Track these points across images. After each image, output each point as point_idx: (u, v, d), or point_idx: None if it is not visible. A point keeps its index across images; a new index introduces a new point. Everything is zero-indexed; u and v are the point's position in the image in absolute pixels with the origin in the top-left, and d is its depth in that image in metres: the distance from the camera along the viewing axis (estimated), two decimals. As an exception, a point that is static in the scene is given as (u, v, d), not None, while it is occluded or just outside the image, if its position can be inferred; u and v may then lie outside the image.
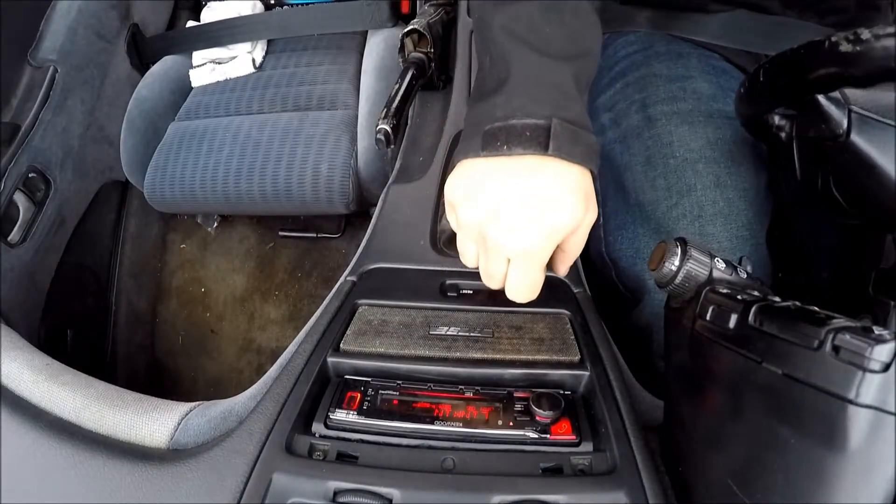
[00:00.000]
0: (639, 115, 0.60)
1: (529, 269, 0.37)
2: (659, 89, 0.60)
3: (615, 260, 0.60)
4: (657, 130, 0.58)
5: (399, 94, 0.58)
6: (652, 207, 0.56)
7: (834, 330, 0.23)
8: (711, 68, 0.61)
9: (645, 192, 0.57)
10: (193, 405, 0.45)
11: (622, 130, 0.62)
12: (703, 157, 0.54)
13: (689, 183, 0.54)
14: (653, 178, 0.56)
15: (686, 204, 0.53)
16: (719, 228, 0.52)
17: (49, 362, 0.50)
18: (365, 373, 0.41)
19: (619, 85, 0.65)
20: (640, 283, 0.57)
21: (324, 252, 1.12)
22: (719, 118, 0.56)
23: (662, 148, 0.57)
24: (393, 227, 0.57)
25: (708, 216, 0.52)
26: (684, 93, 0.58)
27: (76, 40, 0.89)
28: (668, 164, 0.56)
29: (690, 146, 0.55)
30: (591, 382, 0.40)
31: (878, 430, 0.22)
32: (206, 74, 0.99)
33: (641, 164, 0.58)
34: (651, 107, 0.59)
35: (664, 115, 0.58)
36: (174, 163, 0.89)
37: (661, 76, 0.60)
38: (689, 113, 0.57)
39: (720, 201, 0.52)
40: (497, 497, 0.32)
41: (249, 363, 1.08)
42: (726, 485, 0.29)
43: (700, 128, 0.56)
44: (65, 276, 0.90)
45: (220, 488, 0.35)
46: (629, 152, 0.60)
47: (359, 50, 0.96)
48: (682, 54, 0.62)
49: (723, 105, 0.58)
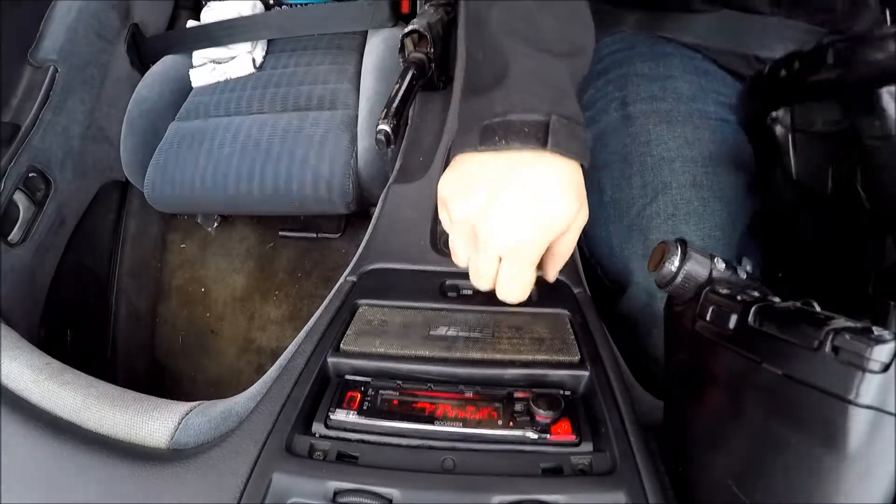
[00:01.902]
0: (618, 113, 0.60)
1: (521, 267, 0.37)
2: (639, 88, 0.60)
3: (597, 258, 0.61)
4: (635, 128, 0.58)
5: (399, 94, 0.58)
6: (627, 205, 0.56)
7: (834, 330, 0.23)
8: (694, 69, 0.61)
9: (621, 190, 0.57)
10: (193, 405, 0.45)
11: (600, 128, 0.62)
12: (680, 155, 0.54)
13: (665, 181, 0.54)
14: (629, 175, 0.56)
15: (661, 202, 0.53)
16: (692, 227, 0.52)
17: (49, 362, 0.50)
18: (365, 373, 0.41)
19: (599, 83, 0.65)
20: (621, 277, 0.57)
21: (324, 252, 1.12)
22: (698, 118, 0.56)
23: (640, 146, 0.57)
24: (393, 228, 0.57)
25: (681, 215, 0.52)
26: (664, 92, 0.58)
27: (76, 40, 0.89)
28: (644, 161, 0.56)
29: (668, 145, 0.55)
30: (591, 382, 0.40)
31: (878, 431, 0.22)
32: (206, 74, 0.99)
33: (618, 161, 0.58)
34: (630, 105, 0.59)
35: (643, 113, 0.58)
36: (174, 163, 0.89)
37: (643, 75, 0.61)
38: (668, 112, 0.57)
39: (695, 201, 0.52)
40: (497, 497, 0.32)
41: (249, 363, 1.08)
42: (726, 485, 0.29)
43: (678, 127, 0.56)
44: (65, 276, 0.89)
45: (220, 488, 0.35)
46: (606, 150, 0.60)
47: (359, 50, 0.96)
48: (664, 54, 0.62)
49: (702, 105, 0.58)
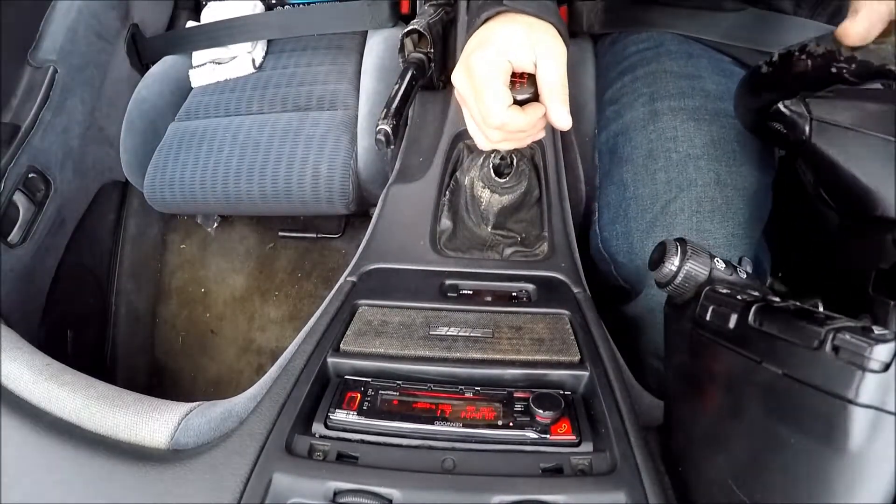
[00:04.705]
0: (644, 109, 0.60)
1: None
2: (668, 85, 0.60)
3: (612, 255, 0.61)
4: (662, 124, 0.58)
5: (399, 94, 0.58)
6: (651, 200, 0.56)
7: (834, 330, 0.23)
8: (721, 70, 0.61)
9: (645, 185, 0.57)
10: (193, 405, 0.45)
11: (625, 122, 0.62)
12: (706, 153, 0.55)
13: (690, 178, 0.54)
14: (654, 171, 0.57)
15: (685, 198, 0.54)
16: (716, 225, 0.52)
17: (49, 362, 0.50)
18: (365, 373, 0.41)
19: (627, 79, 0.65)
20: (638, 278, 0.57)
21: (324, 252, 1.12)
22: (725, 117, 0.57)
23: (666, 142, 0.57)
24: (393, 228, 0.57)
25: (706, 212, 0.53)
26: (693, 90, 0.59)
27: (76, 40, 0.89)
28: (670, 158, 0.56)
29: (694, 142, 0.55)
30: (591, 382, 0.40)
31: (878, 430, 0.22)
32: (206, 74, 0.99)
33: (643, 156, 0.58)
34: (658, 101, 0.60)
35: (671, 109, 0.58)
36: (174, 163, 0.89)
37: (671, 73, 0.61)
38: (695, 110, 0.57)
39: (719, 198, 0.53)
40: (497, 497, 0.32)
41: (249, 363, 1.08)
42: (726, 484, 0.29)
43: (705, 125, 0.56)
44: (65, 276, 0.89)
45: (220, 488, 0.35)
46: (631, 144, 0.60)
47: (359, 50, 0.96)
48: (692, 54, 0.62)
49: (729, 106, 0.58)
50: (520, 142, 0.45)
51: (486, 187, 0.56)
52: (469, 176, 0.59)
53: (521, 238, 0.58)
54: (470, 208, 0.59)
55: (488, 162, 0.55)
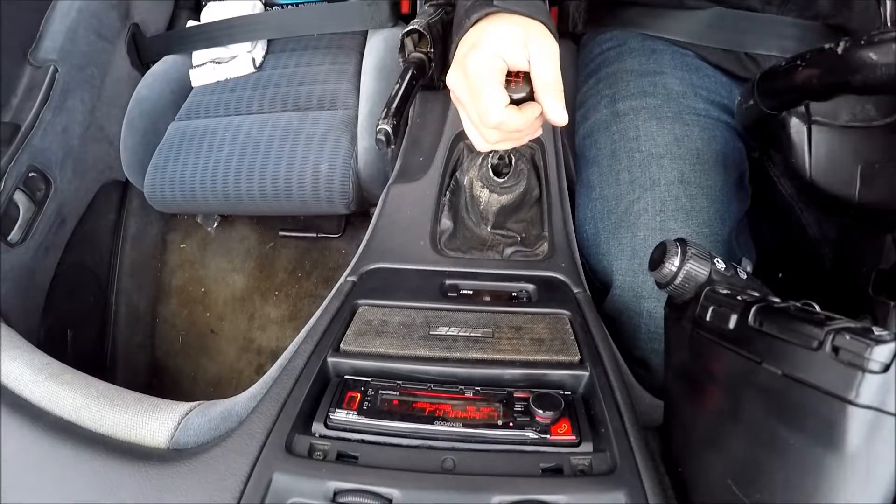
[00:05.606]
0: (607, 110, 0.60)
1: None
2: (629, 84, 0.60)
3: (585, 256, 0.61)
4: (624, 125, 0.58)
5: (399, 94, 0.58)
6: (615, 201, 0.56)
7: (834, 330, 0.23)
8: (684, 65, 0.61)
9: (609, 186, 0.57)
10: (193, 405, 0.45)
11: (590, 125, 0.62)
12: (668, 152, 0.55)
13: (653, 177, 0.54)
14: (617, 171, 0.57)
15: (648, 198, 0.54)
16: (680, 224, 0.52)
17: (49, 362, 0.50)
18: (365, 373, 0.41)
19: (591, 81, 0.65)
20: (606, 279, 0.57)
21: (324, 252, 1.12)
22: (688, 115, 0.56)
23: (628, 142, 0.57)
24: (393, 227, 0.57)
25: (669, 211, 0.53)
26: (654, 88, 0.59)
27: (76, 40, 0.89)
28: (633, 158, 0.56)
29: (657, 141, 0.55)
30: (591, 382, 0.40)
31: (878, 431, 0.22)
32: (207, 74, 0.99)
33: (607, 157, 0.58)
34: (619, 101, 0.60)
35: (632, 109, 0.58)
36: (174, 163, 0.89)
37: (633, 71, 0.61)
38: (657, 108, 0.57)
39: (683, 197, 0.53)
40: (497, 497, 0.32)
41: (249, 363, 1.08)
42: (726, 485, 0.29)
43: (668, 123, 0.56)
44: (65, 275, 0.89)
45: (220, 488, 0.35)
46: (596, 146, 0.60)
47: (359, 50, 0.96)
48: (655, 50, 0.62)
49: (692, 102, 0.58)
50: (517, 141, 0.45)
51: (485, 187, 0.56)
52: (468, 176, 0.59)
53: (521, 238, 0.58)
54: (470, 208, 0.59)
55: (487, 162, 0.55)
